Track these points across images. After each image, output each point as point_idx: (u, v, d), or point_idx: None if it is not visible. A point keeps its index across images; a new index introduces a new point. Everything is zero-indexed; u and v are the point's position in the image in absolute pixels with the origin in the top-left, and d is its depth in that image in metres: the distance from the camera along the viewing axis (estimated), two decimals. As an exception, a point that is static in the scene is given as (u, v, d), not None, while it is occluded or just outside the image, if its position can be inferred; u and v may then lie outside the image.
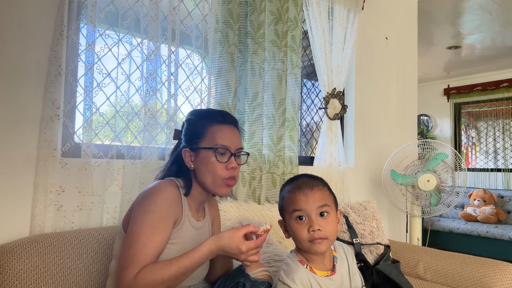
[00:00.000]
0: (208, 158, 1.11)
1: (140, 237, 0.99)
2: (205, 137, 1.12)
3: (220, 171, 1.11)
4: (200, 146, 1.12)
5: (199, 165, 1.12)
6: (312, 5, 2.26)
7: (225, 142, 1.13)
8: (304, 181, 1.10)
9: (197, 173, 1.13)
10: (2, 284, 1.11)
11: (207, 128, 1.13)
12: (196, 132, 1.14)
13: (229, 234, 1.00)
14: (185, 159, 1.13)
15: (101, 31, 1.53)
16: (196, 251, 0.99)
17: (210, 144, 1.12)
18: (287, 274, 1.05)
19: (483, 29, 3.98)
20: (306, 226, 1.04)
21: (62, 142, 1.41)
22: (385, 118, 2.91)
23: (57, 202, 1.37)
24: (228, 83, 1.83)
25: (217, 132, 1.13)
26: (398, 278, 1.72)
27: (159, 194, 1.04)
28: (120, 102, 1.57)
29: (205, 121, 1.15)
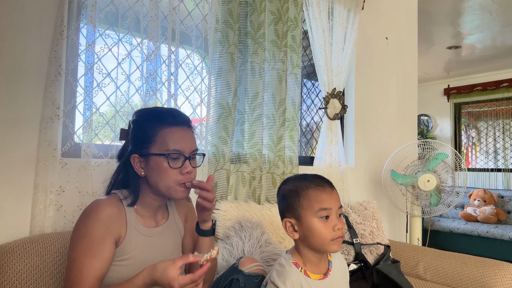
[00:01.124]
0: (159, 165, 1.02)
1: (75, 264, 0.94)
2: (155, 142, 1.03)
3: (174, 177, 1.04)
4: (150, 152, 1.03)
5: (151, 172, 1.04)
6: (312, 5, 2.26)
7: (177, 146, 1.04)
8: (324, 180, 1.10)
9: (149, 180, 1.05)
10: (2, 284, 1.11)
11: (157, 131, 1.04)
12: (145, 136, 1.04)
13: (163, 267, 0.90)
14: (134, 165, 1.04)
15: (101, 31, 1.53)
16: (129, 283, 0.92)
17: (161, 149, 1.02)
18: (279, 276, 1.04)
19: (483, 29, 3.98)
20: (330, 225, 1.05)
21: (62, 142, 1.41)
22: (385, 118, 2.91)
23: (57, 202, 1.37)
24: (228, 83, 1.83)
25: (168, 135, 1.04)
26: (398, 278, 1.72)
27: (91, 215, 0.98)
28: (120, 102, 1.57)
29: (154, 123, 1.05)
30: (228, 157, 1.84)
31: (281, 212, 1.13)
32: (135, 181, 1.06)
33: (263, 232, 1.60)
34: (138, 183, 1.06)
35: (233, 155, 1.91)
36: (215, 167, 1.80)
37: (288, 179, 1.15)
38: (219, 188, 1.80)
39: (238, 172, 1.92)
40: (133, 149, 1.05)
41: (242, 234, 1.54)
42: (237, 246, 1.50)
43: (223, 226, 1.63)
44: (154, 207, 1.11)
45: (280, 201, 1.13)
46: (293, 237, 1.08)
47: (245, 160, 1.94)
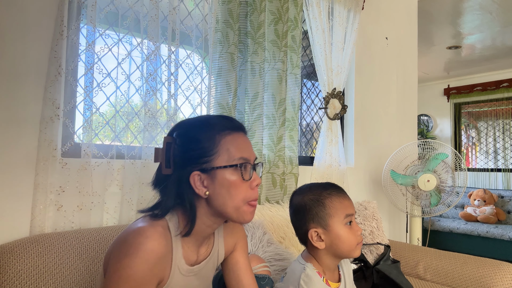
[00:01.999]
0: (229, 179, 0.86)
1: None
2: (219, 153, 0.87)
3: (245, 193, 0.88)
4: (214, 166, 0.86)
5: (218, 190, 0.86)
6: (312, 5, 2.26)
7: (245, 154, 0.89)
8: (340, 187, 1.14)
9: (214, 201, 0.87)
10: (2, 284, 1.11)
11: (218, 140, 0.88)
12: (204, 148, 0.87)
13: None
14: (195, 185, 0.86)
15: (101, 31, 1.53)
16: None
17: (229, 160, 0.87)
18: (308, 285, 1.05)
19: (483, 29, 3.98)
20: (355, 230, 1.09)
21: (62, 142, 1.41)
22: (385, 118, 2.91)
23: (57, 202, 1.37)
24: (228, 83, 1.83)
25: (232, 143, 0.88)
26: (398, 278, 1.72)
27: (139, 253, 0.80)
28: (120, 102, 1.57)
29: (209, 132, 0.88)
30: (228, 157, 1.83)
31: (302, 223, 1.11)
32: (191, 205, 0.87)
33: (264, 232, 1.60)
34: (195, 207, 0.88)
35: (233, 155, 1.91)
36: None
37: (302, 190, 1.14)
38: (219, 188, 1.80)
39: (238, 172, 1.91)
40: (191, 167, 0.86)
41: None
42: (237, 246, 1.50)
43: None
44: (204, 235, 0.93)
45: (300, 212, 1.11)
46: (319, 246, 1.08)
47: (245, 160, 1.94)
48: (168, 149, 0.87)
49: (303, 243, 1.15)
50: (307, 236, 1.09)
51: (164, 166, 0.87)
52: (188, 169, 0.86)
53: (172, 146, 0.88)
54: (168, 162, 0.87)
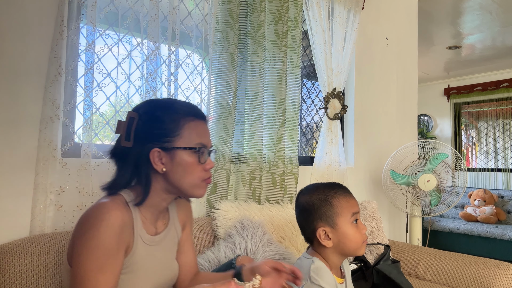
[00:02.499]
0: (186, 160, 0.95)
1: (88, 281, 0.83)
2: (181, 135, 0.95)
3: (200, 173, 0.97)
4: (175, 146, 0.94)
5: (175, 168, 0.95)
6: (312, 5, 2.26)
7: (204, 140, 0.99)
8: (345, 187, 1.17)
9: (171, 177, 0.95)
10: (2, 284, 1.11)
11: (182, 123, 0.96)
12: (168, 128, 0.95)
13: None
14: (153, 161, 0.94)
15: (101, 31, 1.53)
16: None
17: (189, 143, 0.95)
18: (320, 277, 1.08)
19: (483, 29, 3.98)
20: (360, 228, 1.13)
21: (62, 142, 1.41)
22: (385, 118, 2.91)
23: (57, 202, 1.37)
24: (228, 83, 1.83)
25: (194, 129, 0.97)
26: (398, 278, 1.72)
27: (102, 223, 0.85)
28: (120, 102, 1.57)
29: (175, 115, 0.96)
30: (228, 157, 1.84)
31: (309, 222, 1.13)
32: (147, 178, 0.95)
33: (264, 232, 1.60)
34: (150, 180, 0.96)
35: (233, 155, 1.91)
36: (215, 167, 1.80)
37: (308, 190, 1.18)
38: (219, 188, 1.80)
39: (238, 172, 1.92)
40: (152, 144, 0.94)
41: (244, 234, 1.55)
42: (239, 244, 1.50)
43: (224, 225, 1.63)
44: (160, 209, 1.02)
45: (308, 211, 1.14)
46: (327, 245, 1.11)
47: (245, 160, 1.94)
48: (131, 124, 0.94)
49: (309, 241, 1.18)
50: (314, 235, 1.12)
51: (124, 138, 0.94)
52: (149, 145, 0.94)
53: (135, 122, 0.95)
54: (128, 136, 0.94)
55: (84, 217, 0.89)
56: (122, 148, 0.95)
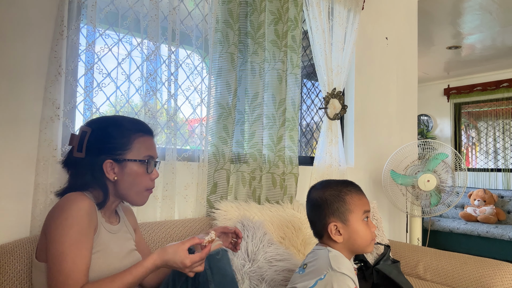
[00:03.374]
0: (136, 171, 1.08)
1: (67, 255, 0.92)
2: (131, 149, 1.08)
3: (146, 183, 1.11)
4: (126, 158, 1.07)
5: (124, 178, 1.08)
6: (312, 5, 2.26)
7: (151, 153, 1.12)
8: (358, 186, 1.20)
9: (120, 185, 1.09)
10: (2, 284, 1.11)
11: (132, 138, 1.09)
12: (120, 143, 1.08)
13: (174, 249, 0.99)
14: (106, 170, 1.06)
15: (101, 31, 1.53)
16: (139, 267, 0.97)
17: (139, 156, 1.09)
18: (338, 263, 1.10)
19: (483, 29, 3.98)
20: (370, 226, 1.15)
21: (62, 142, 1.41)
22: (385, 118, 2.91)
23: (57, 202, 1.37)
24: (228, 83, 1.83)
25: (143, 143, 1.11)
26: (398, 278, 1.72)
27: (74, 206, 0.97)
28: (120, 102, 1.57)
29: (126, 131, 1.10)
30: (228, 157, 1.84)
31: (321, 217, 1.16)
32: (104, 184, 1.07)
33: (265, 232, 1.60)
34: (107, 186, 1.08)
35: (233, 155, 1.91)
36: (215, 167, 1.80)
37: (322, 185, 1.20)
38: (219, 188, 1.80)
39: (238, 172, 1.92)
40: (105, 156, 1.06)
41: (245, 234, 1.54)
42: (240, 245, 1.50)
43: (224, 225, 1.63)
44: (111, 209, 1.15)
45: (320, 206, 1.16)
46: (337, 240, 1.14)
47: (245, 160, 1.94)
48: (83, 137, 1.07)
49: (319, 236, 1.20)
50: (325, 230, 1.15)
51: (76, 149, 1.06)
52: (102, 157, 1.06)
53: (87, 135, 1.07)
54: (81, 147, 1.06)
55: (55, 207, 1.00)
56: (74, 158, 1.07)
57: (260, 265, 1.47)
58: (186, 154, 1.77)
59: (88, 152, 1.06)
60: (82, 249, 0.95)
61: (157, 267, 0.99)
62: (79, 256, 0.93)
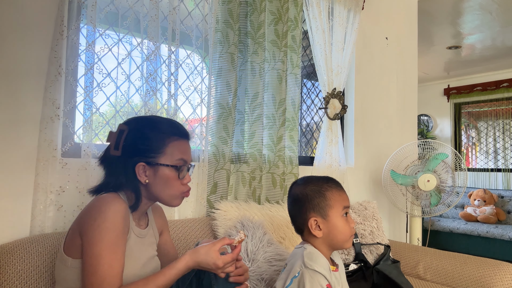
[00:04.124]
0: (167, 175, 1.07)
1: (103, 259, 0.93)
2: (165, 153, 1.07)
3: (178, 187, 1.09)
4: (159, 162, 1.06)
5: (157, 181, 1.07)
6: (312, 5, 2.26)
7: (185, 157, 1.10)
8: (338, 182, 1.21)
9: (152, 188, 1.07)
10: (2, 284, 1.11)
11: (166, 142, 1.07)
12: (154, 146, 1.06)
13: (206, 250, 1.00)
14: (138, 173, 1.05)
15: (101, 31, 1.53)
16: (172, 269, 0.98)
17: (171, 161, 1.07)
18: (314, 261, 1.11)
19: (483, 29, 3.98)
20: (350, 222, 1.17)
21: (62, 142, 1.41)
22: (385, 118, 2.91)
23: (57, 202, 1.37)
24: (228, 83, 1.83)
25: (177, 147, 1.09)
26: (398, 278, 1.72)
27: (111, 208, 0.97)
28: (120, 102, 1.57)
29: (161, 134, 1.08)
30: (228, 157, 1.84)
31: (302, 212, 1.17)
32: (136, 187, 1.06)
33: (265, 232, 1.60)
34: (139, 189, 1.07)
35: (233, 155, 1.91)
36: (215, 167, 1.80)
37: (303, 181, 1.21)
38: (219, 188, 1.80)
39: (238, 172, 1.92)
40: (138, 158, 1.05)
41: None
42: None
43: (224, 225, 1.63)
44: (143, 211, 1.14)
45: (301, 201, 1.17)
46: (317, 235, 1.15)
47: (245, 160, 1.94)
48: (120, 135, 1.05)
49: (299, 232, 1.21)
50: (305, 225, 1.16)
51: (113, 148, 1.05)
52: (136, 159, 1.05)
53: (124, 134, 1.05)
54: (117, 146, 1.05)
55: (91, 207, 0.99)
56: (111, 156, 1.06)
57: (259, 265, 1.47)
58: (186, 154, 1.77)
59: (123, 151, 1.05)
60: (118, 253, 0.96)
61: (190, 268, 1.00)
62: (115, 259, 0.94)
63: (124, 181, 1.05)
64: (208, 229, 1.65)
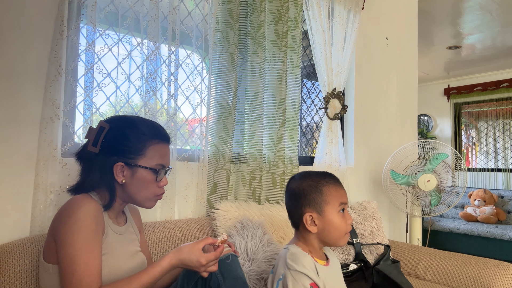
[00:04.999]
0: (145, 178, 1.07)
1: (79, 258, 0.92)
2: (145, 155, 1.06)
3: (154, 189, 1.10)
4: (138, 164, 1.06)
5: (133, 182, 1.07)
6: (312, 5, 2.26)
7: (164, 162, 1.11)
8: (335, 177, 1.19)
9: (127, 189, 1.07)
10: (2, 284, 1.11)
11: (147, 144, 1.07)
12: (134, 147, 1.06)
13: (189, 248, 1.01)
14: (116, 172, 1.05)
15: (101, 31, 1.53)
16: (156, 267, 0.98)
17: (150, 164, 1.07)
18: (295, 261, 1.10)
19: (483, 29, 3.98)
20: (346, 218, 1.15)
21: (62, 142, 1.41)
22: (385, 118, 2.91)
23: (57, 202, 1.37)
24: (228, 83, 1.83)
25: (157, 151, 1.09)
26: (398, 278, 1.72)
27: (81, 209, 0.96)
28: (120, 102, 1.57)
29: (142, 136, 1.07)
30: (228, 157, 1.84)
31: (298, 206, 1.16)
32: (112, 186, 1.06)
33: (264, 232, 1.60)
34: (115, 188, 1.07)
35: (233, 155, 1.91)
36: (215, 167, 1.80)
37: (300, 176, 1.20)
38: (219, 188, 1.80)
39: (238, 172, 1.92)
40: (117, 157, 1.05)
41: (244, 234, 1.54)
42: (239, 245, 1.50)
43: (224, 225, 1.63)
44: (118, 210, 1.14)
45: (297, 196, 1.17)
46: (312, 230, 1.14)
47: (245, 160, 1.94)
48: (100, 132, 1.05)
49: (295, 226, 1.20)
50: (300, 220, 1.15)
51: (91, 144, 1.04)
52: (114, 158, 1.05)
53: (104, 131, 1.05)
54: (96, 143, 1.04)
55: (62, 210, 0.98)
56: (88, 152, 1.06)
57: (259, 264, 1.47)
58: (186, 154, 1.77)
59: (101, 149, 1.04)
60: (93, 251, 0.95)
61: (173, 266, 1.00)
62: (91, 258, 0.94)
63: (99, 180, 1.05)
64: (208, 229, 1.65)
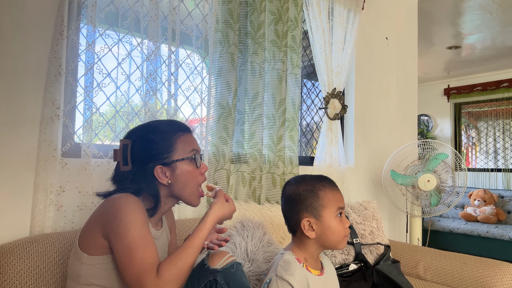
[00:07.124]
0: (186, 169, 1.10)
1: (136, 245, 0.95)
2: (176, 149, 1.09)
3: (198, 178, 1.13)
4: (174, 159, 1.08)
5: (178, 178, 1.09)
6: (312, 5, 2.26)
7: (195, 147, 1.14)
8: (332, 181, 1.18)
9: (174, 188, 1.10)
10: (2, 284, 1.11)
11: (174, 139, 1.10)
12: (164, 147, 1.08)
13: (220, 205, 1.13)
14: (159, 176, 1.07)
15: (101, 31, 1.53)
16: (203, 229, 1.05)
17: (184, 154, 1.10)
18: (286, 270, 1.08)
19: (483, 29, 3.98)
20: (344, 223, 1.13)
21: (62, 142, 1.41)
22: (385, 118, 2.91)
23: (57, 202, 1.37)
24: (228, 83, 1.83)
25: (185, 141, 1.12)
26: (398, 278, 1.72)
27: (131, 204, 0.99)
28: (120, 102, 1.57)
29: (165, 134, 1.10)
30: (228, 157, 1.84)
31: (294, 212, 1.15)
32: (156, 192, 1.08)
33: (265, 232, 1.60)
34: (159, 195, 1.09)
35: (233, 155, 1.91)
36: (215, 167, 1.80)
37: (296, 180, 1.19)
38: (219, 188, 1.80)
39: (238, 172, 1.92)
40: (153, 163, 1.07)
41: (245, 234, 1.54)
42: (240, 245, 1.50)
43: (224, 225, 1.63)
44: (161, 212, 1.15)
45: (294, 201, 1.15)
46: (310, 235, 1.12)
47: (245, 160, 1.94)
48: (125, 150, 1.07)
49: (292, 232, 1.19)
50: (298, 225, 1.14)
51: (122, 164, 1.06)
52: (151, 165, 1.07)
53: (129, 147, 1.07)
54: (126, 161, 1.06)
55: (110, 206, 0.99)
56: (122, 172, 1.07)
57: (259, 265, 1.47)
58: (186, 154, 1.77)
59: (134, 163, 1.06)
60: (148, 237, 0.97)
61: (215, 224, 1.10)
62: (147, 243, 0.96)
63: (145, 187, 1.06)
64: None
